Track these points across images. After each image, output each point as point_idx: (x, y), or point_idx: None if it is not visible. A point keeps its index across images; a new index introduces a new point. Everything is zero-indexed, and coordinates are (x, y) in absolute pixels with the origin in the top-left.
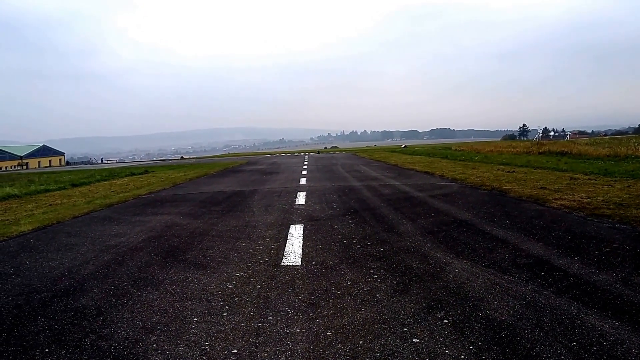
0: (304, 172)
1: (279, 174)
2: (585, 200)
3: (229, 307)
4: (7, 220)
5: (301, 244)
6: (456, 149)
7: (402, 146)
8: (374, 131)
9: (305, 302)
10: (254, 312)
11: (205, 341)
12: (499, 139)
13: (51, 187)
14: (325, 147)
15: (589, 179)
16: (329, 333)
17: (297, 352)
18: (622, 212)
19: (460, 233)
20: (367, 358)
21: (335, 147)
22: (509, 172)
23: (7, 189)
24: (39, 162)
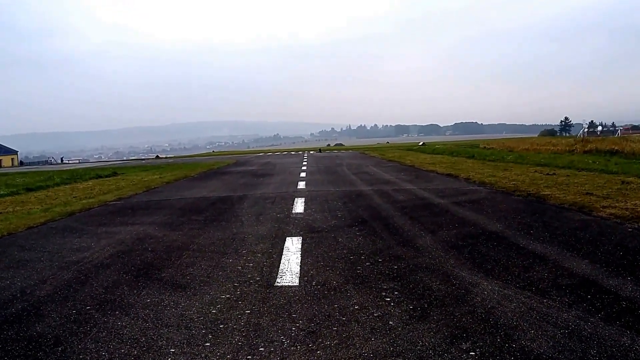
0: (303, 175)
1: (273, 177)
2: None
3: (212, 335)
4: None
5: (299, 260)
6: (485, 147)
7: (420, 143)
8: (387, 126)
9: (304, 330)
10: (242, 342)
11: None
12: (536, 135)
13: (1, 192)
14: (328, 145)
15: None
16: None
17: None
18: None
19: (489, 248)
20: None
21: (340, 144)
22: (548, 174)
23: None
24: None
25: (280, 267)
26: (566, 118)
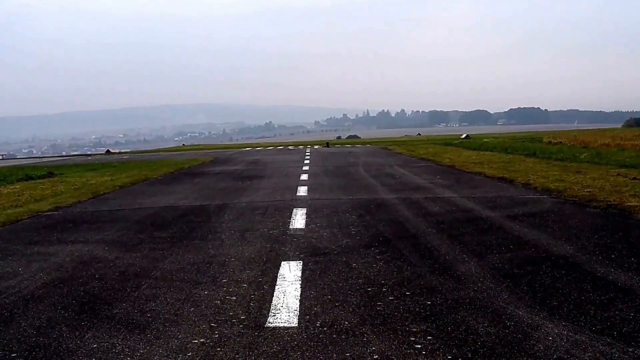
0: (304, 177)
1: (264, 180)
2: None
3: None
4: None
5: (298, 293)
6: (550, 141)
7: (463, 136)
8: (418, 112)
9: None
10: None
11: None
12: (619, 126)
13: None
14: (339, 137)
15: None
16: None
17: None
18: None
19: (555, 277)
20: None
21: (355, 136)
22: (635, 179)
23: None
24: None
25: (274, 302)
26: None
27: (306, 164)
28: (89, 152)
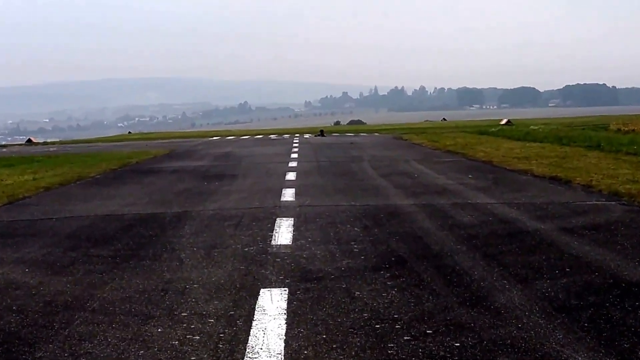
0: (291, 176)
1: (238, 180)
2: None
3: None
4: None
5: (283, 332)
6: (620, 129)
7: (503, 122)
8: (443, 89)
9: None
10: None
11: None
12: None
13: None
14: (337, 123)
15: None
16: None
17: None
18: None
19: (627, 312)
20: None
21: (359, 121)
22: None
23: None
24: None
25: (250, 344)
26: None
27: (294, 159)
28: (3, 142)
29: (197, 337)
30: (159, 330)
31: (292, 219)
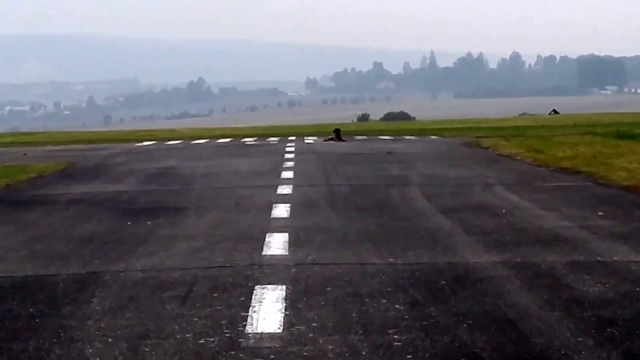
0: (281, 212)
1: (188, 217)
2: None
3: None
4: None
5: None
6: None
7: None
8: (552, 58)
9: None
10: None
11: None
12: None
13: None
14: (364, 117)
15: None
16: None
17: None
18: None
19: None
20: None
21: (403, 114)
22: None
23: None
24: None
25: None
26: None
27: (286, 181)
28: None
29: None
30: None
31: (284, 287)
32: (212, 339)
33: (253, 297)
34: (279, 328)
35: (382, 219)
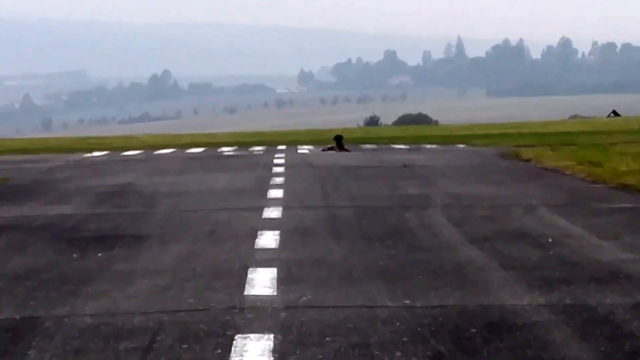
0: (268, 240)
1: (149, 248)
2: None
3: None
4: None
5: None
6: None
7: None
8: (612, 46)
9: None
10: None
11: None
12: None
13: None
14: (374, 120)
15: None
16: None
17: None
18: None
19: None
20: None
21: (421, 116)
22: None
23: None
24: None
25: None
26: None
27: (274, 201)
28: None
29: None
30: None
31: (271, 336)
32: None
33: (233, 349)
34: None
35: (397, 250)
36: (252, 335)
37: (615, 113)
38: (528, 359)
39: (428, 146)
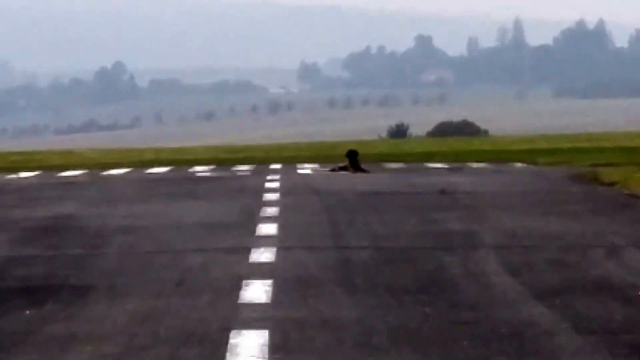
0: (258, 294)
1: (95, 304)
2: None
3: None
4: None
5: None
6: None
7: None
8: None
9: None
10: None
11: None
12: None
13: None
14: (401, 130)
15: None
16: None
17: None
18: None
19: None
20: None
21: (466, 124)
22: None
23: None
24: None
25: None
26: None
27: (265, 240)
28: None
29: None
30: None
31: None
32: None
33: None
34: None
35: (433, 308)
36: None
37: None
38: None
39: (475, 165)
